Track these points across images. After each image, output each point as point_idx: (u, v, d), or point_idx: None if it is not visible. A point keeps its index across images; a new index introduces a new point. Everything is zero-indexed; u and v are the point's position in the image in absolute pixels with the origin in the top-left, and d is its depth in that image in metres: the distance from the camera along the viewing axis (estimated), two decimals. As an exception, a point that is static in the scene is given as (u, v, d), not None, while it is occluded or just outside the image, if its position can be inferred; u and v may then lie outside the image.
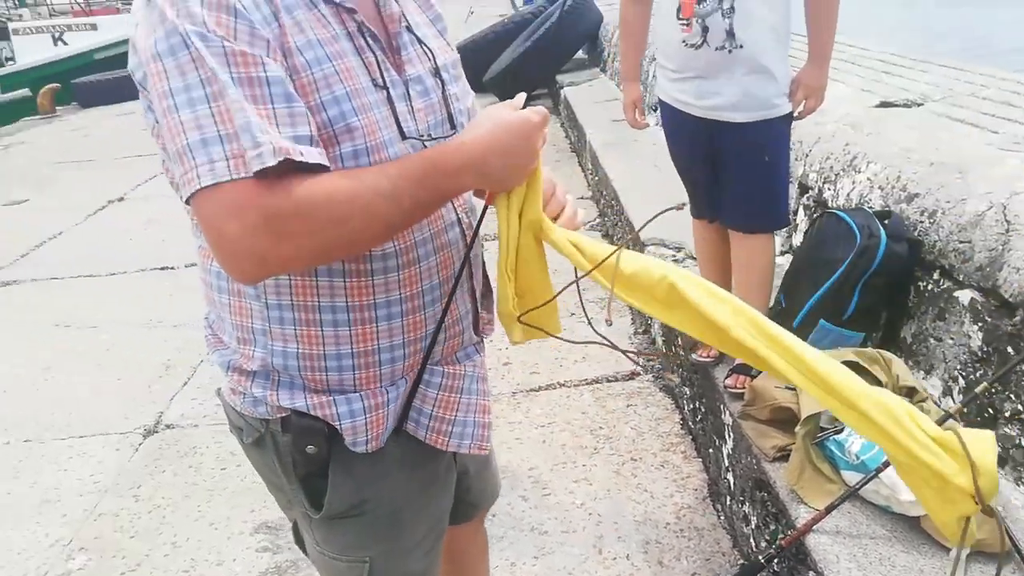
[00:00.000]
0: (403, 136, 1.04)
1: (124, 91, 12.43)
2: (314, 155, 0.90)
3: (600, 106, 6.33)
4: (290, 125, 0.89)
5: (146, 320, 4.01)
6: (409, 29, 1.11)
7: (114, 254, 5.04)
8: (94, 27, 20.48)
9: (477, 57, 8.89)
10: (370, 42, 1.03)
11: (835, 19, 2.15)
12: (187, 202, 0.90)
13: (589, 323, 1.22)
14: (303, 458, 1.10)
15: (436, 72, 1.12)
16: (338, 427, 1.08)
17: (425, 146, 1.06)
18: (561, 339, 1.21)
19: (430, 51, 1.13)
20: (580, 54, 8.89)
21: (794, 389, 1.92)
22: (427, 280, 1.10)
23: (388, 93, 1.03)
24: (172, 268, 4.72)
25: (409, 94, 1.07)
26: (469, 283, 1.20)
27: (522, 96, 1.08)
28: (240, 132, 0.86)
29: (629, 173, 4.31)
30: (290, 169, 0.87)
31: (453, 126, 1.13)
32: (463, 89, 1.20)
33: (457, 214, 1.14)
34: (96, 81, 12.74)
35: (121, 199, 6.34)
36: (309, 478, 1.13)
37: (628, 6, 2.37)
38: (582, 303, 1.15)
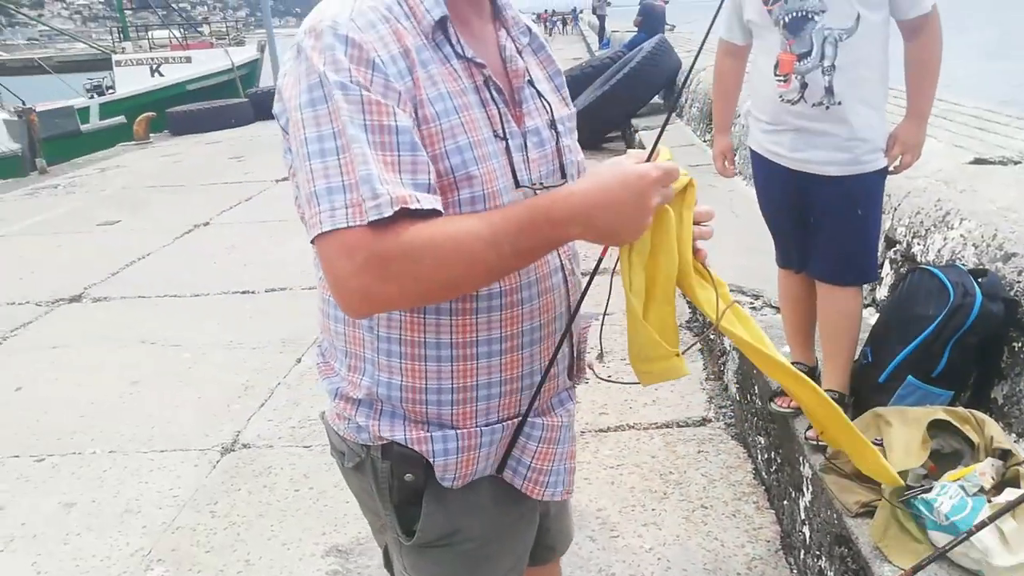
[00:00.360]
0: (517, 184, 1.09)
1: (213, 121, 13.06)
2: (429, 201, 0.95)
3: (676, 151, 6.32)
4: (411, 172, 0.95)
5: (227, 341, 4.16)
6: (531, 83, 1.17)
7: (198, 276, 5.25)
8: (189, 60, 21.62)
9: (553, 99, 8.95)
10: (494, 95, 1.09)
11: (936, 77, 2.13)
12: (312, 242, 0.97)
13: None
14: (400, 485, 1.14)
15: (552, 124, 1.18)
16: (432, 462, 1.11)
17: (536, 194, 1.10)
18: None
19: (548, 105, 1.18)
20: (656, 99, 8.94)
21: (881, 444, 1.87)
22: (527, 322, 1.13)
23: (507, 144, 1.09)
24: (252, 292, 4.90)
25: (526, 145, 1.12)
26: (570, 327, 1.21)
27: (641, 152, 1.05)
28: (361, 183, 0.92)
29: (705, 219, 4.28)
30: (405, 214, 0.92)
31: (564, 176, 1.18)
32: (576, 143, 1.25)
33: (561, 260, 1.17)
34: (188, 111, 13.40)
35: (207, 224, 6.62)
36: (404, 505, 1.16)
37: (723, 60, 2.40)
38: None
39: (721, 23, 2.33)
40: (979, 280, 2.09)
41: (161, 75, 21.10)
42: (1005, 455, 1.73)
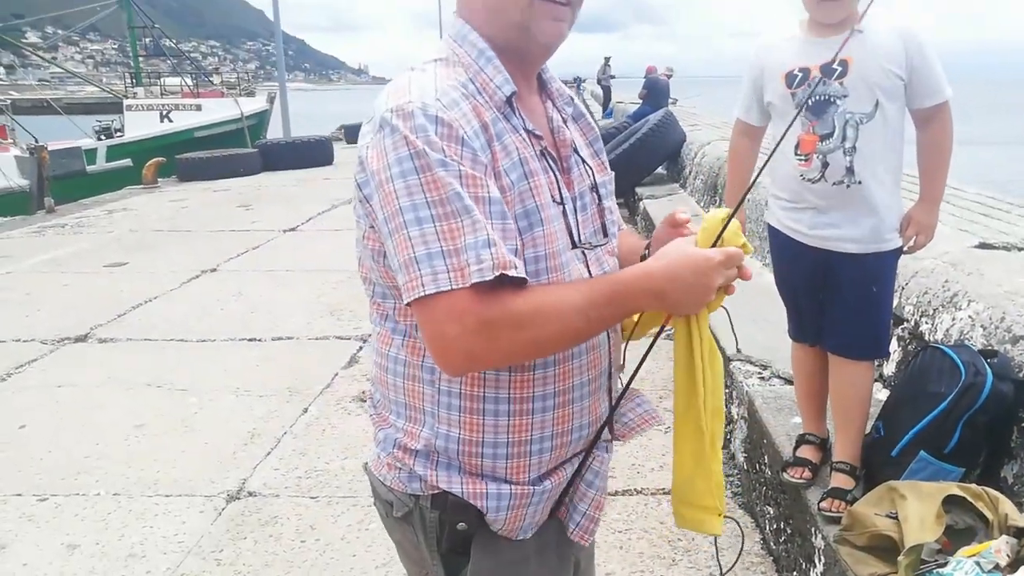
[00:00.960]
0: (573, 245, 1.18)
1: (221, 169, 13.24)
2: (521, 269, 1.04)
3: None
4: (503, 237, 1.03)
5: (233, 388, 4.17)
6: (575, 151, 1.25)
7: (205, 322, 5.29)
8: (199, 108, 22.02)
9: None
10: (550, 163, 1.18)
11: (947, 163, 2.23)
12: (408, 304, 1.04)
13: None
14: (450, 534, 1.18)
15: (594, 188, 1.27)
16: (485, 513, 1.16)
17: (585, 255, 1.20)
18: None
19: (590, 170, 1.28)
20: (660, 169, 9.15)
21: (895, 517, 1.90)
22: (578, 377, 1.20)
23: (564, 208, 1.18)
24: (259, 340, 4.93)
25: (575, 208, 1.21)
26: (608, 383, 1.29)
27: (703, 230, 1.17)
28: (466, 248, 0.99)
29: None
30: (503, 280, 1.00)
31: (606, 235, 1.27)
32: (615, 203, 1.34)
33: None
34: (197, 158, 13.60)
35: (214, 270, 6.68)
36: (451, 554, 1.19)
37: (739, 139, 2.49)
38: None
39: (738, 104, 2.44)
40: (989, 361, 2.15)
41: (170, 121, 21.47)
42: (1020, 533, 1.75)
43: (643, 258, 1.34)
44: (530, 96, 1.23)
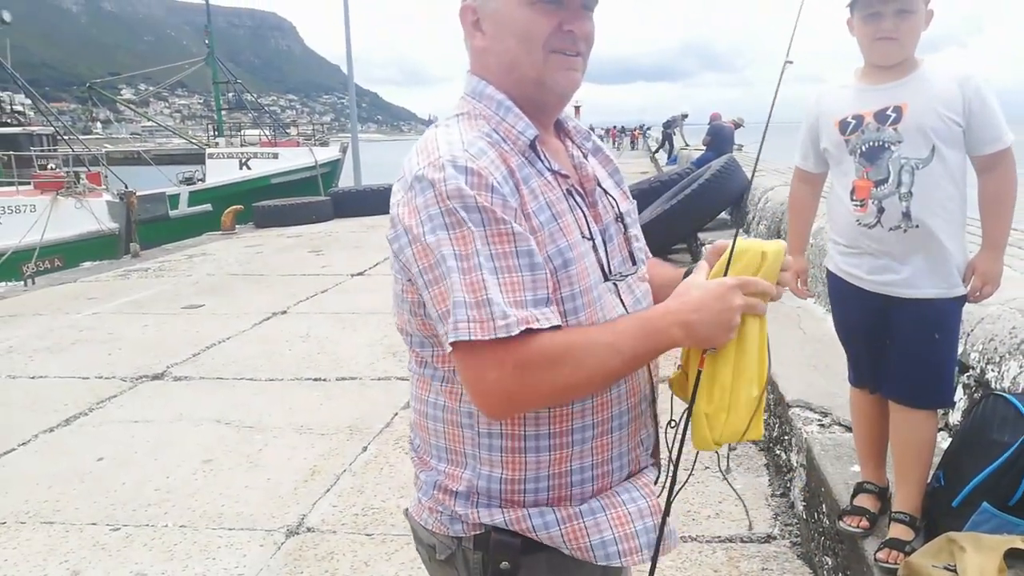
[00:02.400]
0: (605, 278, 1.22)
1: (295, 216, 13.76)
2: (549, 317, 1.08)
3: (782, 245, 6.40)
4: (532, 289, 1.08)
5: (297, 425, 4.30)
6: (599, 184, 1.31)
7: (273, 361, 5.47)
8: (276, 156, 23.03)
9: (622, 210, 9.26)
10: (578, 200, 1.23)
11: (1011, 210, 2.18)
12: (449, 352, 1.09)
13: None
14: (494, 573, 1.19)
15: (619, 218, 1.31)
16: (534, 536, 1.18)
17: (617, 286, 1.24)
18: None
19: (614, 200, 1.32)
20: (724, 215, 9.09)
21: (954, 570, 1.84)
22: (616, 407, 1.23)
23: (593, 243, 1.22)
24: (323, 380, 5.07)
25: (604, 240, 1.26)
26: (652, 408, 1.32)
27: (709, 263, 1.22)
28: (491, 303, 1.04)
29: (773, 334, 4.30)
30: (530, 332, 1.05)
31: (634, 262, 1.32)
32: (640, 230, 1.38)
33: None
34: (272, 205, 14.17)
35: (284, 312, 6.92)
36: None
37: (798, 186, 2.50)
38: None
39: (797, 151, 2.45)
40: (1040, 405, 2.07)
41: (249, 168, 22.51)
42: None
43: None
44: (550, 139, 1.29)
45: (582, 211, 1.22)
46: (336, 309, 6.97)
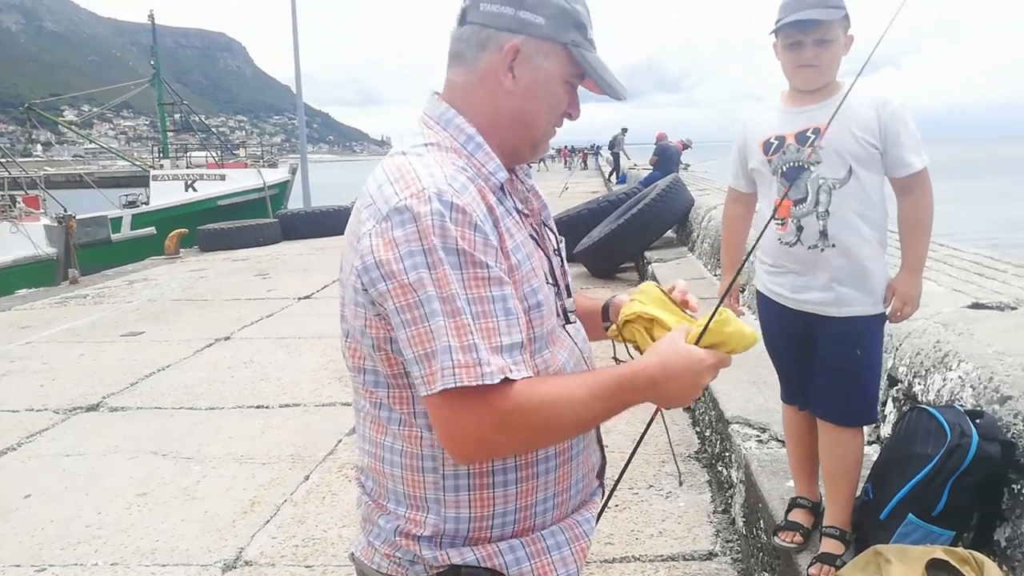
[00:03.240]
0: (567, 320, 1.27)
1: (242, 239, 13.54)
2: (522, 368, 1.07)
3: (687, 284, 6.50)
4: (507, 334, 1.06)
5: (238, 455, 4.19)
6: (544, 222, 1.32)
7: (215, 389, 5.34)
8: (222, 178, 22.68)
9: (570, 230, 9.42)
10: (538, 241, 1.24)
11: (928, 232, 2.25)
12: (424, 396, 1.07)
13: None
14: None
15: (557, 251, 1.33)
16: (504, 573, 1.17)
17: (566, 329, 1.26)
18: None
19: (552, 234, 1.33)
20: (670, 233, 9.23)
21: (881, 585, 1.87)
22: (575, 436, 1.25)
23: (557, 288, 1.25)
24: (266, 407, 4.96)
25: (563, 285, 1.29)
26: (598, 433, 1.37)
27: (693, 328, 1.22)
28: (476, 348, 1.03)
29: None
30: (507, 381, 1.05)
31: (569, 294, 1.33)
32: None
33: None
34: (218, 229, 13.91)
35: (228, 338, 6.77)
36: None
37: (731, 206, 2.56)
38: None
39: (729, 171, 2.51)
40: (976, 421, 2.13)
41: (195, 190, 22.13)
42: (1004, 600, 1.72)
43: (605, 316, 1.42)
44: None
45: (544, 253, 1.24)
46: (281, 334, 6.85)
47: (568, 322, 1.26)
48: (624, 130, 25.23)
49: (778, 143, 2.24)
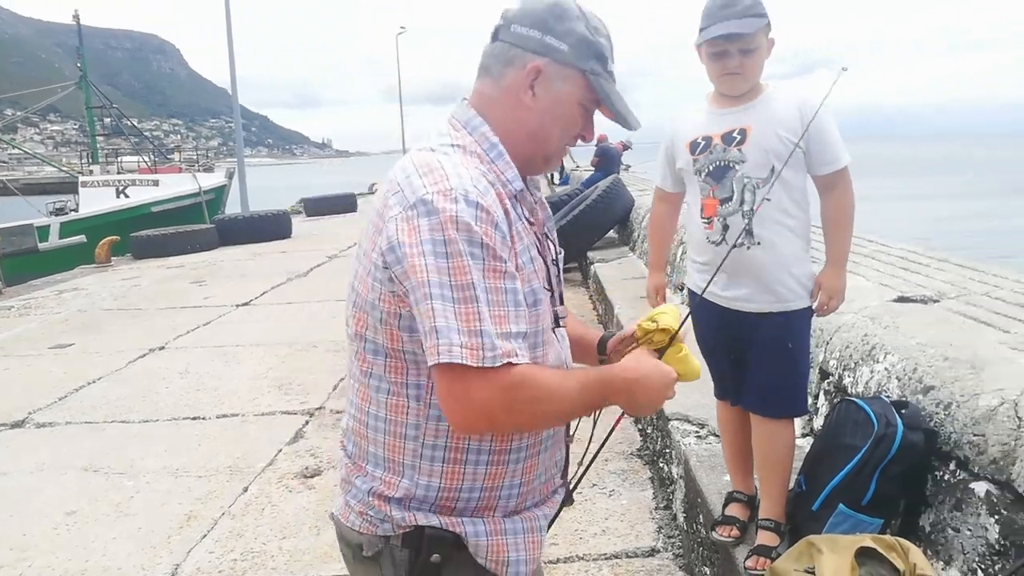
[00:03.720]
0: (557, 324, 1.37)
1: (177, 245, 13.18)
2: (525, 355, 1.18)
3: (628, 283, 6.59)
4: (514, 322, 1.17)
5: (173, 469, 4.07)
6: (547, 233, 1.40)
7: (148, 402, 5.18)
8: (156, 183, 22.02)
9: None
10: (541, 249, 1.32)
11: (850, 228, 2.32)
12: (433, 366, 1.16)
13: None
14: (422, 568, 1.27)
15: (556, 261, 1.41)
16: (465, 542, 1.28)
17: (555, 333, 1.36)
18: None
19: (552, 245, 1.42)
20: (611, 234, 9.32)
21: (813, 572, 1.91)
22: (547, 431, 1.35)
23: (552, 294, 1.34)
24: (203, 418, 4.83)
25: (558, 292, 1.39)
26: (566, 432, 1.46)
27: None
28: (483, 333, 1.13)
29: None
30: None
31: (562, 301, 1.42)
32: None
33: None
34: (151, 235, 13.51)
35: (162, 348, 6.58)
36: None
37: (658, 205, 2.60)
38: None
39: (657, 172, 2.54)
40: (901, 411, 2.20)
41: (127, 196, 21.43)
42: (928, 583, 1.78)
43: (600, 350, 1.54)
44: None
45: (543, 261, 1.32)
46: (219, 342, 6.69)
47: (558, 326, 1.37)
48: None
49: (705, 143, 2.28)
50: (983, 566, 1.90)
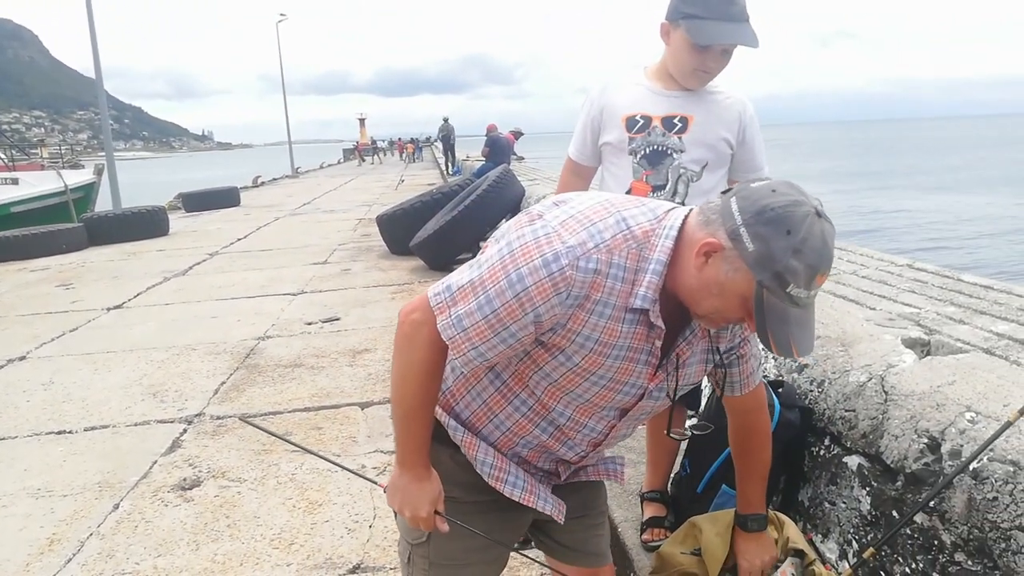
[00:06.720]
0: (623, 413, 1.46)
1: (40, 247, 12.25)
2: (455, 338, 1.32)
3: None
4: (479, 337, 1.30)
5: (33, 489, 3.75)
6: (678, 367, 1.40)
7: (6, 416, 4.77)
8: (15, 182, 20.38)
9: (405, 223, 9.31)
10: (653, 370, 1.37)
11: None
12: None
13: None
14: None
15: (663, 392, 1.43)
16: (444, 425, 1.51)
17: (622, 418, 1.48)
18: None
19: (676, 382, 1.43)
20: (503, 222, 9.32)
21: (699, 554, 1.93)
22: (523, 440, 1.50)
23: (643, 393, 1.40)
24: (69, 432, 4.49)
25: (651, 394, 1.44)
26: (557, 467, 1.56)
27: None
28: (467, 314, 1.30)
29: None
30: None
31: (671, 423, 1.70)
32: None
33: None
34: (9, 237, 12.49)
35: (22, 358, 6.08)
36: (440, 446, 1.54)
37: (567, 176, 2.40)
38: None
39: (572, 142, 2.36)
40: (778, 391, 2.26)
41: (-19, 196, 19.73)
42: (799, 554, 1.83)
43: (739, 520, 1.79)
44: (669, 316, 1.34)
45: (645, 379, 1.38)
46: (88, 349, 6.24)
47: (627, 416, 1.46)
48: (445, 119, 25.09)
49: (644, 122, 2.17)
50: (857, 536, 1.98)
